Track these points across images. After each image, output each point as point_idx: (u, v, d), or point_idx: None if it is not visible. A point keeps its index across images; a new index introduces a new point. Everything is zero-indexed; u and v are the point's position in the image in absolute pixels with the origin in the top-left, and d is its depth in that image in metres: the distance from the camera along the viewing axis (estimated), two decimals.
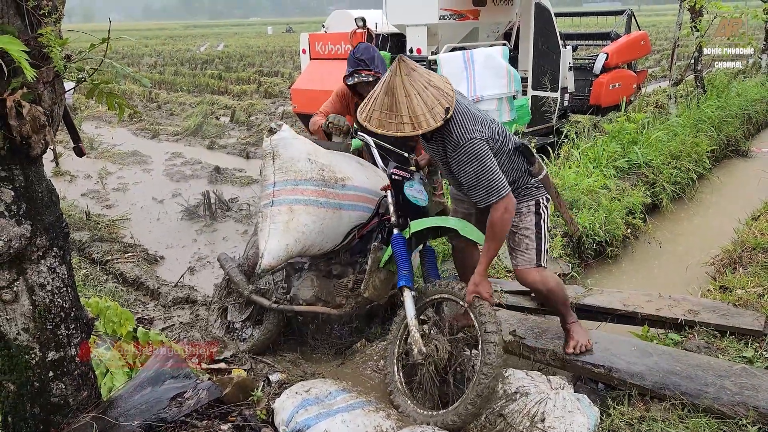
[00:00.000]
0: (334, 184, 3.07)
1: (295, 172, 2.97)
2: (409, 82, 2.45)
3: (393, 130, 2.48)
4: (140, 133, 11.76)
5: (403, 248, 2.86)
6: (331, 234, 3.11)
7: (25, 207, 2.02)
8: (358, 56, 3.40)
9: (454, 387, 2.67)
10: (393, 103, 2.47)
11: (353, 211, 3.17)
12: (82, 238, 5.66)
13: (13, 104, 1.81)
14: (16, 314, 2.08)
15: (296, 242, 2.95)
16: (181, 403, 2.43)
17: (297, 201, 2.96)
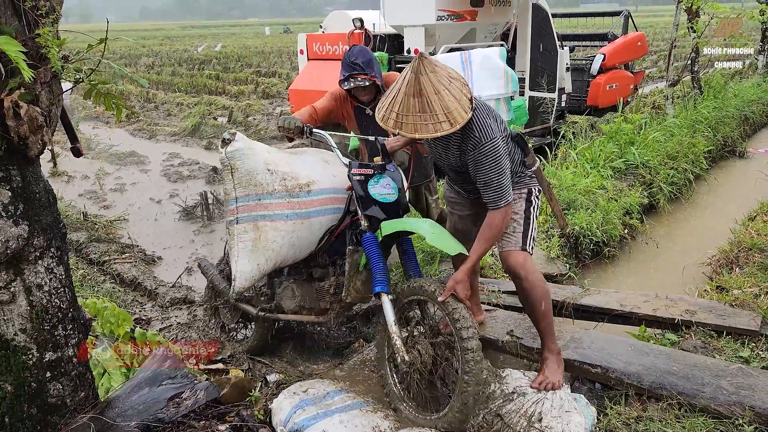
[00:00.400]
0: (299, 192, 2.91)
1: (255, 185, 2.80)
2: (436, 79, 2.36)
3: (431, 131, 2.38)
4: (138, 133, 11.75)
5: (375, 250, 2.75)
6: (304, 243, 3.01)
7: (23, 207, 2.02)
8: (353, 60, 3.29)
9: (442, 388, 2.63)
10: (425, 104, 2.36)
11: (323, 216, 3.04)
12: (80, 238, 5.66)
13: (11, 105, 1.82)
14: (14, 315, 2.08)
15: (267, 261, 2.86)
16: (179, 404, 2.44)
17: (262, 217, 2.83)
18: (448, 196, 3.08)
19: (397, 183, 2.88)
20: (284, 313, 3.18)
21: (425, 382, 2.59)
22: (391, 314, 2.60)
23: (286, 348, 3.58)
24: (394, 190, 2.84)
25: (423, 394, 2.61)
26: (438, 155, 2.83)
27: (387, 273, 2.72)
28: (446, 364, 2.59)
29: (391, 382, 2.74)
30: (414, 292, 2.63)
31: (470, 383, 2.36)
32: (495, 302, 3.64)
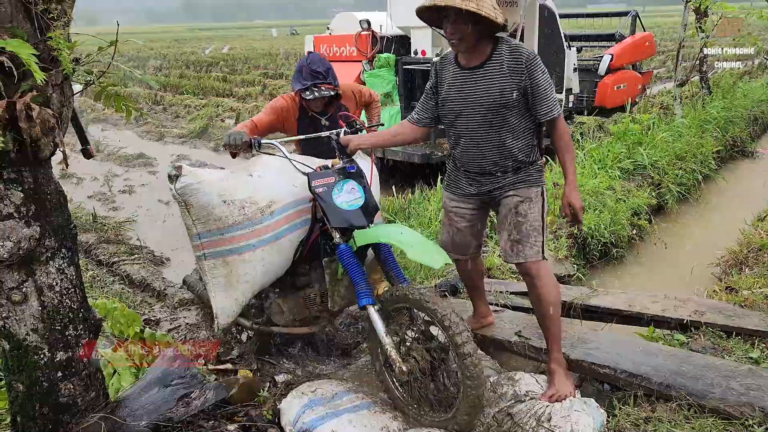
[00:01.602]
0: (261, 216, 2.74)
1: (215, 220, 2.64)
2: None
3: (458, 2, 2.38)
4: (146, 135, 11.81)
5: (353, 262, 2.63)
6: (278, 265, 2.90)
7: (35, 208, 2.04)
8: (315, 68, 3.15)
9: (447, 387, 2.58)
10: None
11: (292, 233, 2.90)
12: (89, 240, 5.69)
13: (23, 107, 1.83)
14: (26, 315, 2.09)
15: (244, 293, 2.78)
16: (188, 403, 2.45)
17: (229, 252, 2.69)
18: (450, 206, 2.95)
19: (361, 184, 2.79)
20: (277, 326, 3.11)
21: (427, 385, 2.57)
22: (381, 325, 2.52)
23: (293, 349, 3.59)
24: (360, 193, 2.75)
25: (428, 395, 2.59)
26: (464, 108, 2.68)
27: (368, 283, 2.63)
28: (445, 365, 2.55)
29: (392, 388, 2.70)
30: (399, 301, 2.55)
31: (474, 386, 2.33)
32: (503, 303, 3.63)
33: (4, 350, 2.14)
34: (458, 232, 2.93)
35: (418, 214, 5.48)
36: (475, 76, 2.62)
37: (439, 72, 2.80)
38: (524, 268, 2.75)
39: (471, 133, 2.70)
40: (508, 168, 2.71)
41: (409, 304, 2.52)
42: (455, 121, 2.72)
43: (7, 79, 1.83)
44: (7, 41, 1.77)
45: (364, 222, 2.70)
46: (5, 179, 1.97)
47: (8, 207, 1.98)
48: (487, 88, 2.60)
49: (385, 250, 2.82)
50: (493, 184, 2.75)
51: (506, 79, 2.57)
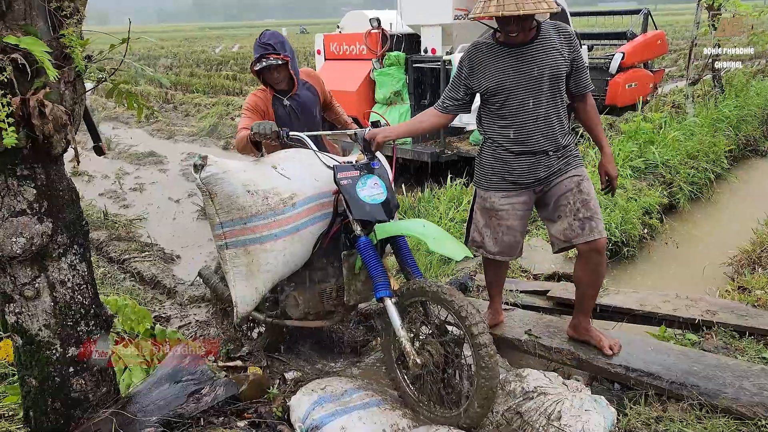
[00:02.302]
0: (284, 207, 2.77)
1: (238, 209, 2.67)
2: None
3: (532, 7, 2.46)
4: (156, 133, 11.87)
5: (372, 255, 2.67)
6: (298, 256, 2.90)
7: (47, 205, 2.06)
8: (264, 41, 3.17)
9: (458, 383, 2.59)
10: None
11: (313, 225, 2.92)
12: (100, 237, 5.73)
13: (36, 104, 1.85)
14: (38, 310, 2.11)
15: (264, 283, 2.80)
16: (199, 400, 2.46)
17: (251, 241, 2.73)
18: (499, 205, 2.85)
19: (384, 180, 2.82)
20: (290, 319, 3.13)
21: (439, 380, 2.57)
22: (397, 318, 2.54)
23: (303, 346, 3.60)
24: (383, 189, 2.79)
25: (438, 391, 2.59)
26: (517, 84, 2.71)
27: (387, 276, 2.65)
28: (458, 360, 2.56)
29: (403, 385, 2.71)
30: (416, 294, 2.58)
31: (488, 378, 2.34)
32: (512, 302, 3.62)
33: (17, 345, 2.16)
34: (509, 230, 2.87)
35: (427, 213, 5.47)
36: (528, 52, 2.68)
37: (474, 58, 2.77)
38: (596, 245, 2.72)
39: (526, 110, 2.72)
40: (560, 145, 2.76)
41: (425, 297, 2.54)
42: (506, 101, 2.73)
43: (21, 76, 1.85)
44: (20, 38, 1.78)
45: (385, 216, 2.73)
46: (18, 176, 1.98)
47: (21, 203, 2.00)
48: (542, 60, 2.67)
49: (403, 245, 2.84)
50: (548, 168, 2.77)
51: (557, 51, 2.68)
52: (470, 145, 7.23)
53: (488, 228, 2.91)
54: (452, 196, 5.66)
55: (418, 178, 7.26)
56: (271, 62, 3.15)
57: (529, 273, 4.31)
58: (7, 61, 1.79)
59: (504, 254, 2.93)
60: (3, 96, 1.75)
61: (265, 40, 3.17)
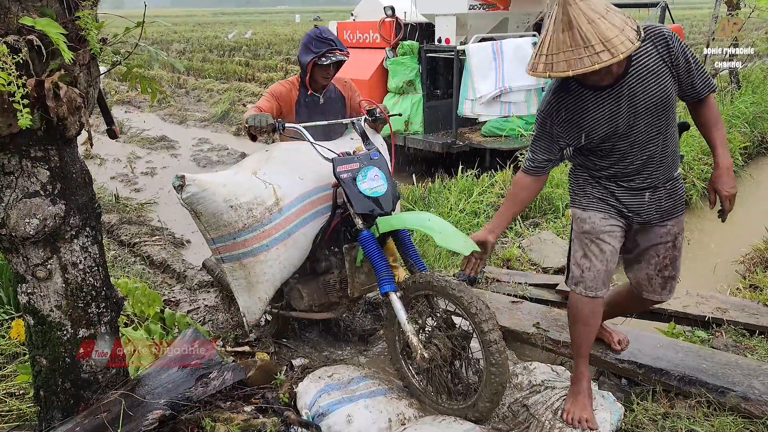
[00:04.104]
0: (270, 216, 2.72)
1: (224, 226, 2.65)
2: (588, 8, 2.02)
3: (587, 64, 2.00)
4: (168, 118, 11.90)
5: (375, 249, 2.64)
6: (296, 258, 2.88)
7: (60, 187, 2.06)
8: (326, 36, 3.14)
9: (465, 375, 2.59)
10: (577, 37, 2.02)
11: (305, 226, 2.87)
12: (111, 220, 5.77)
13: (51, 86, 1.85)
14: (50, 291, 2.13)
15: (266, 291, 2.81)
16: (207, 384, 2.47)
17: (243, 255, 2.72)
18: (602, 227, 2.42)
19: (384, 171, 2.78)
20: (296, 311, 3.14)
21: (446, 372, 2.57)
22: (403, 312, 2.52)
23: (311, 333, 3.61)
24: (384, 181, 2.75)
25: (445, 383, 2.60)
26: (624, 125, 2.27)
27: (390, 270, 2.64)
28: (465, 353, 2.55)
29: (408, 375, 2.71)
30: (422, 288, 2.55)
31: (498, 374, 2.33)
32: (521, 294, 3.61)
33: (28, 325, 2.18)
34: (611, 256, 2.43)
35: (437, 203, 5.46)
36: (624, 88, 2.23)
37: (560, 111, 2.32)
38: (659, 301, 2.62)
39: (633, 150, 2.32)
40: (671, 177, 2.41)
41: (433, 291, 2.51)
42: (616, 144, 2.32)
43: (36, 57, 1.85)
44: (36, 20, 1.78)
45: (387, 209, 2.71)
46: (32, 157, 1.99)
47: (35, 185, 2.01)
48: (643, 92, 2.23)
49: (405, 238, 2.81)
50: (657, 206, 2.41)
51: (659, 71, 2.23)
52: (482, 136, 7.20)
53: (587, 258, 2.44)
54: (463, 188, 5.65)
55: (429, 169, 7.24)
56: (339, 58, 3.14)
57: (538, 266, 4.29)
58: (23, 42, 1.79)
59: (605, 285, 2.44)
60: (18, 77, 1.75)
61: (326, 35, 3.15)
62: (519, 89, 6.64)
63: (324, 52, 3.11)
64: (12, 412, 2.55)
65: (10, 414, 2.54)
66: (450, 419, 2.46)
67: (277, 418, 2.47)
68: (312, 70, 3.19)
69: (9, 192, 1.98)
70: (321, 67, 3.17)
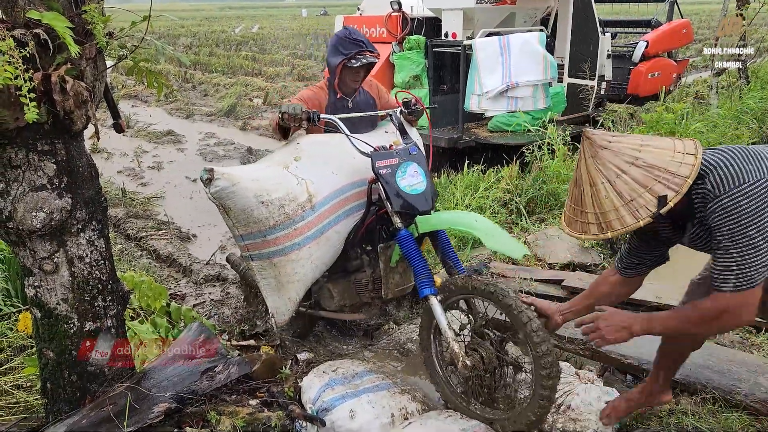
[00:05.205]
0: (303, 213, 2.61)
1: (255, 223, 2.54)
2: (595, 167, 1.82)
3: (578, 230, 1.90)
4: (175, 112, 11.92)
5: (414, 249, 2.52)
6: (328, 257, 2.78)
7: (66, 180, 2.07)
8: (357, 37, 3.04)
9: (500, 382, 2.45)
10: (578, 196, 1.89)
11: (338, 223, 2.76)
12: (118, 214, 5.79)
13: (58, 79, 1.85)
14: (56, 284, 2.14)
15: (297, 291, 2.71)
16: (212, 377, 2.49)
17: (274, 253, 2.61)
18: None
19: (423, 167, 2.66)
20: (324, 310, 3.04)
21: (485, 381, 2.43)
22: (444, 318, 2.39)
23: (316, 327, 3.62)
24: (422, 177, 2.63)
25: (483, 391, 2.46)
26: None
27: (430, 273, 2.50)
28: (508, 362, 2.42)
29: (442, 382, 2.58)
30: (466, 292, 2.38)
31: (548, 387, 2.18)
32: (527, 290, 3.61)
33: (35, 318, 2.20)
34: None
35: (444, 199, 5.45)
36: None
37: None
38: None
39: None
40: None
41: (479, 296, 2.36)
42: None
43: (43, 51, 1.85)
44: (43, 14, 1.79)
45: (427, 207, 2.59)
46: (39, 151, 2.00)
47: (41, 178, 2.02)
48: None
49: (444, 238, 2.69)
50: None
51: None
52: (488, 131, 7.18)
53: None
54: (469, 183, 5.63)
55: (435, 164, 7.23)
56: (369, 60, 3.02)
57: (544, 262, 4.28)
58: (30, 36, 1.80)
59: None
60: (25, 71, 1.76)
61: (357, 36, 3.04)
62: (526, 84, 6.60)
63: (354, 53, 2.99)
64: (19, 404, 2.57)
65: (17, 406, 2.56)
66: (455, 415, 2.46)
67: (282, 412, 2.48)
68: (341, 73, 3.07)
69: (16, 185, 1.99)
70: (350, 70, 3.06)
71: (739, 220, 1.68)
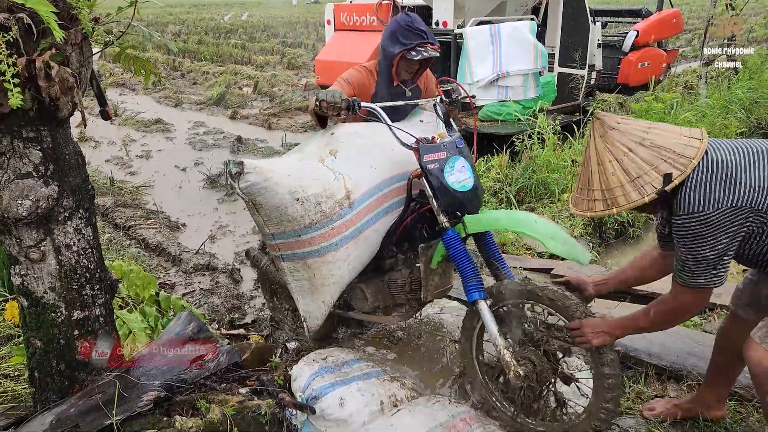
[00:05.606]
0: (341, 211, 2.43)
1: (289, 221, 2.38)
2: (604, 146, 1.90)
3: (584, 209, 1.96)
4: (163, 101, 11.81)
5: (462, 251, 2.33)
6: (366, 257, 2.61)
7: (53, 168, 2.05)
8: (417, 26, 2.75)
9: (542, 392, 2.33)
10: (586, 175, 1.96)
11: (376, 222, 2.57)
12: (106, 203, 5.76)
13: (42, 65, 1.83)
14: (43, 273, 2.12)
15: (332, 295, 2.56)
16: (202, 366, 2.48)
17: (309, 254, 2.45)
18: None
19: (470, 162, 2.47)
20: (355, 311, 2.86)
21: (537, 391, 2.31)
22: (494, 325, 2.24)
23: None
24: (470, 173, 2.43)
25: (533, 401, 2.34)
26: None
27: (479, 275, 2.33)
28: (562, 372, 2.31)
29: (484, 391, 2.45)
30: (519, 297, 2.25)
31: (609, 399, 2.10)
32: None
33: (22, 307, 2.18)
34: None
35: None
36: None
37: None
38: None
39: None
40: None
41: (538, 302, 2.21)
42: None
43: (27, 36, 1.82)
44: None
45: (476, 206, 2.44)
46: (24, 138, 1.97)
47: (27, 166, 1.99)
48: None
49: (490, 239, 2.55)
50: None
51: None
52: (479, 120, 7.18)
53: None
54: None
55: None
56: (431, 54, 2.77)
57: (533, 251, 4.30)
58: (13, 20, 1.77)
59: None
60: (9, 56, 1.73)
61: (418, 26, 2.78)
62: (516, 73, 6.60)
63: (415, 45, 2.75)
64: (7, 393, 2.56)
65: (5, 395, 2.54)
66: (444, 401, 2.47)
67: (272, 400, 2.48)
68: (398, 64, 2.84)
69: (1, 173, 1.97)
70: (408, 62, 2.82)
71: (694, 240, 1.81)
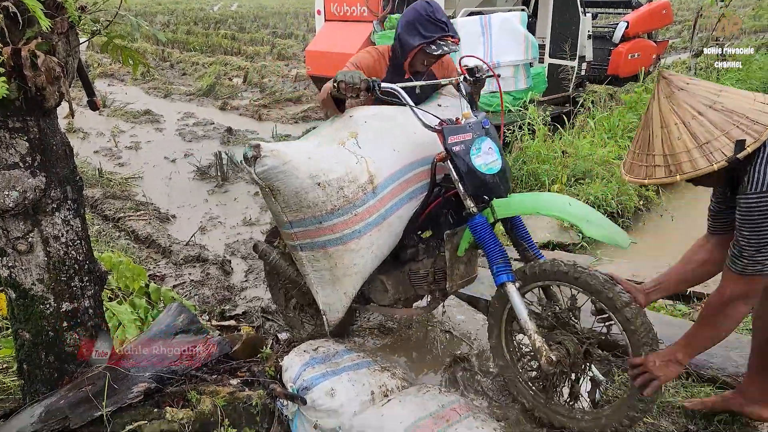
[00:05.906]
0: (364, 196, 2.30)
1: (309, 207, 2.24)
2: (669, 107, 1.75)
3: (641, 175, 1.82)
4: (152, 92, 11.72)
5: (491, 237, 2.24)
6: (389, 245, 2.49)
7: (40, 159, 2.03)
8: (438, 17, 2.55)
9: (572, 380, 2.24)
10: (647, 139, 1.81)
11: (399, 208, 2.46)
12: (95, 194, 5.71)
13: (28, 54, 1.81)
14: (31, 265, 2.11)
15: (354, 285, 2.45)
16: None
17: (330, 242, 2.32)
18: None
19: (497, 144, 2.35)
20: (374, 304, 2.76)
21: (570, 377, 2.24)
22: (524, 308, 2.15)
23: None
24: (497, 155, 2.32)
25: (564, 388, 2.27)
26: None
27: (507, 258, 2.23)
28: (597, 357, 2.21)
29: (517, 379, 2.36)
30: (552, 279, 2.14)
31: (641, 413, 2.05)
32: None
33: (10, 299, 2.17)
34: None
35: None
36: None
37: None
38: None
39: None
40: None
41: (567, 282, 2.10)
42: None
43: (12, 25, 1.80)
44: None
45: (504, 190, 2.33)
46: (10, 128, 1.96)
47: (13, 156, 1.98)
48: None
49: (519, 221, 2.44)
50: None
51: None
52: None
53: None
54: None
55: None
56: (452, 48, 2.56)
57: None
58: None
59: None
60: None
61: (440, 17, 2.56)
62: (507, 64, 6.60)
63: (436, 38, 2.54)
64: None
65: None
66: (434, 390, 2.48)
67: (263, 391, 2.49)
68: (415, 55, 2.63)
69: None
70: (426, 55, 2.62)
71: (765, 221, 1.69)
